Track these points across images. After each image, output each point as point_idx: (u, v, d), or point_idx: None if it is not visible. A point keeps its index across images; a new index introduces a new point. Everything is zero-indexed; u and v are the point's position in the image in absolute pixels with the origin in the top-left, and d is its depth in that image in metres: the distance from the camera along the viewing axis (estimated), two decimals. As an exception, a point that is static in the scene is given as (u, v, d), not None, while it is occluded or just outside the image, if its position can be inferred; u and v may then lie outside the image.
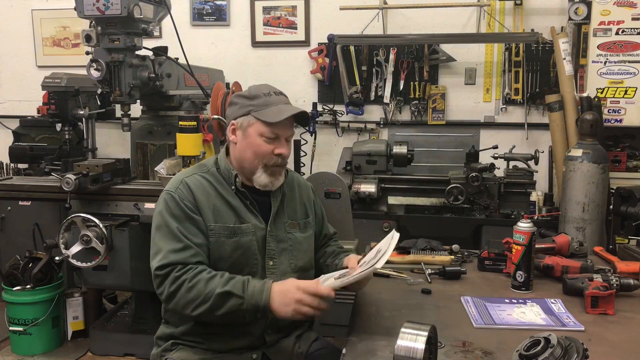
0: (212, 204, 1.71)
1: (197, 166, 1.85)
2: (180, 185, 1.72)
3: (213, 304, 1.57)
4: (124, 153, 4.10)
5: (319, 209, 1.98)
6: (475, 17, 3.98)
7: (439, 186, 3.54)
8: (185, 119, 2.88)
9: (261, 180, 1.73)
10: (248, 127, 1.72)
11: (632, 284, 1.79)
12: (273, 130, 1.70)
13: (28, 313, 3.05)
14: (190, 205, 1.69)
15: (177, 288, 1.60)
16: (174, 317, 1.77)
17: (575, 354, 1.17)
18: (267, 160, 1.72)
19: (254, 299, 1.56)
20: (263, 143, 1.71)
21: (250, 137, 1.71)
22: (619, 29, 3.54)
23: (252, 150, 1.72)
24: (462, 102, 4.12)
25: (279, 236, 1.78)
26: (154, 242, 1.69)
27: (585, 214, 3.14)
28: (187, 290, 1.59)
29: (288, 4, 4.24)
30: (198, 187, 1.72)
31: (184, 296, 1.59)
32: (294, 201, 1.87)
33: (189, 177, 1.75)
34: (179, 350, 1.74)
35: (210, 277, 1.60)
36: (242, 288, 1.57)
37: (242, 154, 1.74)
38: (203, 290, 1.58)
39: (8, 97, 4.75)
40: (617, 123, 3.63)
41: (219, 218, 1.71)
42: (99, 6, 2.75)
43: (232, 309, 1.57)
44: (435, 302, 1.78)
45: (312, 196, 1.96)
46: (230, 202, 1.74)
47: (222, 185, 1.76)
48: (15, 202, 3.10)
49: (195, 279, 1.60)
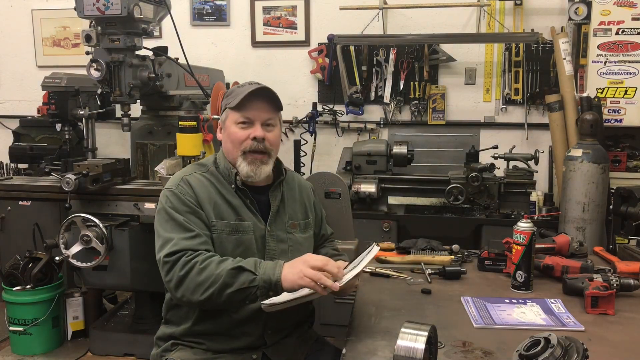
0: (213, 201, 1.71)
1: (195, 165, 1.84)
2: (181, 182, 1.72)
3: (224, 282, 1.53)
4: (124, 153, 4.10)
5: (319, 209, 1.98)
6: (475, 17, 3.98)
7: (439, 186, 3.54)
8: (185, 119, 2.88)
9: (242, 169, 1.73)
10: (225, 120, 1.77)
11: (632, 284, 1.79)
12: (243, 115, 1.72)
13: (28, 313, 3.05)
14: (192, 200, 1.69)
15: (187, 271, 1.56)
16: (175, 316, 1.77)
17: (575, 354, 1.17)
18: (245, 147, 1.72)
19: (266, 275, 1.53)
20: (238, 130, 1.73)
21: (227, 128, 1.76)
22: (619, 29, 3.54)
23: (230, 140, 1.75)
24: (462, 102, 4.12)
25: (280, 236, 1.77)
26: (160, 236, 1.66)
27: (585, 214, 3.14)
28: (198, 272, 1.55)
29: (288, 4, 4.24)
30: (198, 185, 1.72)
31: (194, 279, 1.55)
32: (295, 201, 1.87)
33: (189, 175, 1.76)
34: (179, 350, 1.74)
35: (222, 260, 1.58)
36: (254, 265, 1.56)
37: (226, 148, 1.78)
38: (214, 271, 1.54)
39: (8, 97, 4.75)
40: (617, 123, 3.63)
41: (220, 215, 1.70)
42: (99, 6, 2.75)
43: (244, 285, 1.53)
44: (435, 302, 1.78)
45: (312, 196, 1.96)
46: (230, 200, 1.74)
47: (221, 184, 1.76)
48: (15, 202, 3.10)
49: (207, 261, 1.57)
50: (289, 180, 1.87)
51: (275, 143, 1.78)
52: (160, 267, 1.63)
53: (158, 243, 1.66)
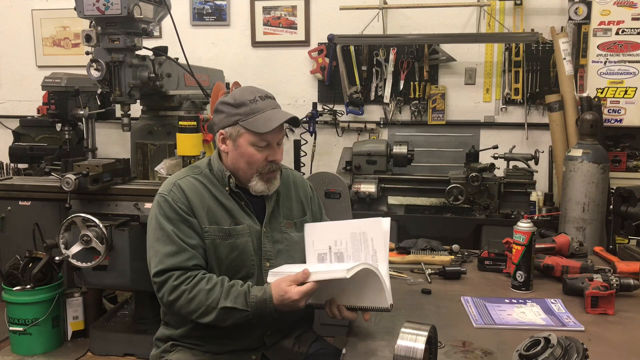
0: (206, 206, 1.70)
1: (189, 168, 1.83)
2: (173, 187, 1.71)
3: (217, 318, 1.58)
4: (124, 153, 4.10)
5: (316, 205, 1.96)
6: (475, 17, 3.98)
7: (439, 186, 3.54)
8: (185, 119, 2.88)
9: (257, 187, 1.73)
10: (238, 138, 1.69)
11: (632, 284, 1.79)
12: (264, 139, 1.68)
13: (28, 313, 3.05)
14: (184, 207, 1.68)
15: (176, 297, 1.60)
16: (173, 319, 1.76)
17: (575, 354, 1.17)
18: (262, 169, 1.71)
19: (258, 310, 1.56)
20: (255, 152, 1.69)
21: (241, 147, 1.70)
22: (619, 29, 3.54)
23: (244, 160, 1.70)
24: (462, 102, 4.12)
25: (275, 237, 1.77)
26: (149, 246, 1.69)
27: (585, 214, 3.14)
28: (187, 301, 1.59)
29: (288, 4, 4.24)
30: (191, 190, 1.71)
31: (185, 307, 1.60)
32: (290, 200, 1.86)
33: (182, 179, 1.74)
34: (178, 351, 1.74)
35: (211, 288, 1.59)
36: (245, 301, 1.57)
37: (236, 164, 1.73)
38: (204, 302, 1.58)
39: (8, 97, 4.75)
40: (617, 123, 3.62)
41: (214, 220, 1.70)
42: (99, 6, 2.75)
43: (238, 321, 1.59)
44: (435, 302, 1.78)
45: (309, 192, 1.94)
46: (224, 203, 1.73)
47: (215, 187, 1.74)
48: (15, 202, 3.10)
49: (195, 289, 1.59)
50: (284, 179, 1.85)
51: (282, 157, 1.78)
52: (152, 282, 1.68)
53: (148, 253, 1.70)
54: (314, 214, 1.94)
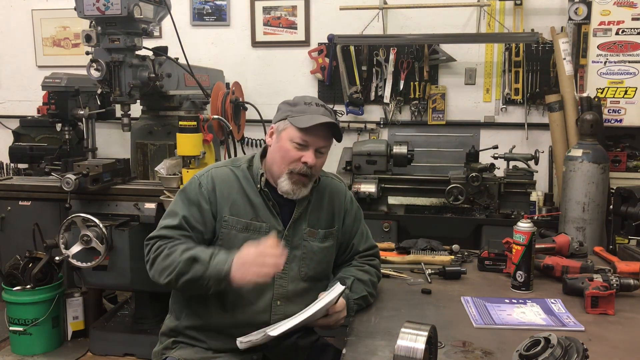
0: (232, 198, 1.75)
1: (231, 160, 1.90)
2: (207, 173, 1.79)
3: (180, 270, 1.62)
4: (124, 153, 4.09)
5: (351, 218, 1.89)
6: (475, 17, 3.98)
7: (439, 186, 3.53)
8: (185, 119, 2.88)
9: (283, 186, 1.73)
10: (282, 131, 1.74)
11: (632, 284, 1.79)
12: (303, 137, 1.70)
13: (28, 313, 3.05)
14: (206, 193, 1.74)
15: (157, 255, 1.68)
16: (177, 306, 1.80)
17: (575, 354, 1.17)
18: (293, 167, 1.72)
19: (217, 267, 1.59)
20: (292, 148, 1.71)
21: (281, 140, 1.74)
22: (619, 29, 3.54)
23: (280, 154, 1.73)
24: (462, 102, 4.12)
25: (294, 242, 1.77)
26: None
27: (585, 214, 3.14)
28: (164, 257, 1.66)
29: (288, 4, 4.24)
30: (223, 180, 1.77)
31: (161, 263, 1.66)
32: (321, 209, 1.83)
33: (219, 168, 1.81)
34: (180, 348, 1.75)
35: (188, 248, 1.65)
36: (210, 256, 1.62)
37: (273, 157, 1.77)
38: (176, 258, 1.64)
39: (8, 97, 4.75)
40: (617, 123, 3.62)
41: (235, 212, 1.74)
42: (99, 6, 2.75)
43: (196, 275, 1.61)
44: (435, 302, 1.79)
45: (345, 204, 1.88)
46: (252, 199, 1.76)
47: (248, 182, 1.78)
48: (15, 202, 3.11)
49: (174, 247, 1.67)
50: (320, 187, 1.84)
51: (319, 169, 1.79)
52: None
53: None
54: (346, 228, 1.88)
